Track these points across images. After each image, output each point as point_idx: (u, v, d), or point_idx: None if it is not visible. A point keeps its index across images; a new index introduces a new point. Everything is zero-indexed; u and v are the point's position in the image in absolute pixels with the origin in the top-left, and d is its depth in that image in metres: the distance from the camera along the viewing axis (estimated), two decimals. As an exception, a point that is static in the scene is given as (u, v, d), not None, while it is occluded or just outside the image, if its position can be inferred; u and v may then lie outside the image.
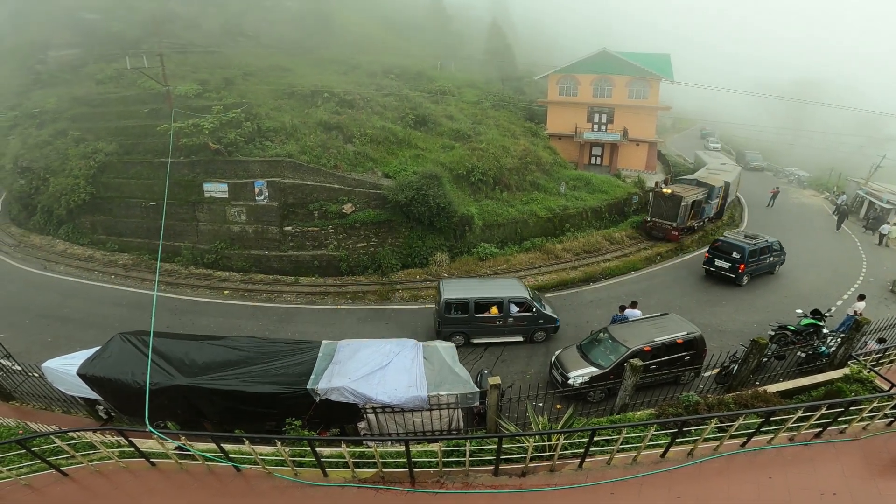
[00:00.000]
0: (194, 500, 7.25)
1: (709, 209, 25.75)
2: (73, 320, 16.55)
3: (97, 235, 21.77)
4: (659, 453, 7.75)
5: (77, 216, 21.74)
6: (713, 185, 25.23)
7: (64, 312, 17.04)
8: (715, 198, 25.64)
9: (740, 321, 16.92)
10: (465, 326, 15.07)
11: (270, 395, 9.61)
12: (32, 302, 17.74)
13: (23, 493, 7.34)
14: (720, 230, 25.68)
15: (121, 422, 10.87)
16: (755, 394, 9.52)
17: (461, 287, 15.57)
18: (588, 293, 19.42)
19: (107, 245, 21.40)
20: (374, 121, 24.58)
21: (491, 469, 7.54)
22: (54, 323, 16.35)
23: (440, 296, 14.92)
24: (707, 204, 25.26)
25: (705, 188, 25.01)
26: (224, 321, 16.73)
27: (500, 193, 23.55)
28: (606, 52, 32.65)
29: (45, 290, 18.77)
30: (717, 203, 26.35)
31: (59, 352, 11.58)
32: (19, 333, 15.53)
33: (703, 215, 25.39)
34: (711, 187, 25.15)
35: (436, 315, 15.23)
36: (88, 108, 24.26)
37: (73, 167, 20.97)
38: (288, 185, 20.03)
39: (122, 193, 21.24)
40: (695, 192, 24.13)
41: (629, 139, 32.74)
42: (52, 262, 20.81)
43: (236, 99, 23.34)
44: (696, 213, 24.71)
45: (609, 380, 11.92)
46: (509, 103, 34.92)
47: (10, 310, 17.12)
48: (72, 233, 21.99)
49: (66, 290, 18.74)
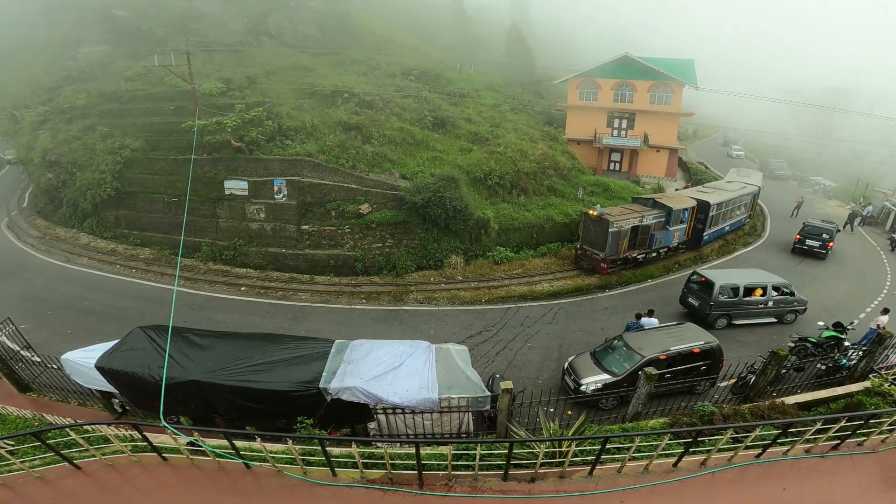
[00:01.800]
0: (203, 496, 7.29)
1: (666, 237, 21.45)
2: (94, 313, 16.93)
3: (120, 230, 22.29)
4: (671, 462, 7.65)
5: (102, 210, 22.29)
6: (671, 208, 20.97)
7: (85, 305, 17.45)
8: (676, 223, 21.41)
9: (759, 332, 16.57)
10: (732, 309, 16.51)
11: (282, 393, 9.62)
12: (55, 294, 18.21)
13: (35, 486, 7.42)
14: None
15: (135, 415, 10.99)
16: (772, 405, 9.41)
17: (727, 275, 17.24)
18: (603, 300, 19.16)
19: (129, 239, 21.89)
20: (393, 122, 24.70)
21: (500, 474, 7.49)
22: (75, 315, 16.73)
23: (712, 282, 16.29)
24: (663, 231, 21.16)
25: (660, 211, 21.04)
26: (240, 317, 16.93)
27: (516, 197, 23.42)
28: (629, 56, 32.28)
29: (67, 282, 19.25)
30: (686, 230, 22.18)
31: (78, 344, 11.77)
32: (41, 324, 15.92)
33: (653, 245, 21.10)
34: (669, 210, 20.97)
35: (701, 301, 16.61)
36: (117, 104, 24.86)
37: (100, 162, 21.50)
38: (306, 184, 20.22)
39: (145, 189, 21.71)
40: (636, 217, 20.16)
41: (650, 145, 32.28)
42: (76, 254, 21.36)
43: (258, 98, 23.69)
44: (643, 242, 20.78)
45: (622, 387, 11.86)
46: (528, 107, 34.79)
47: (34, 301, 17.59)
48: (96, 226, 22.55)
49: (89, 283, 19.20)
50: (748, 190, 26.35)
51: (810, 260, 23.81)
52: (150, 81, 26.49)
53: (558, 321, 17.17)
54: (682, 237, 22.36)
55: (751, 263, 22.41)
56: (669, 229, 21.34)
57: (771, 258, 23.79)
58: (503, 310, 17.91)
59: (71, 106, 25.25)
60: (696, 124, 58.82)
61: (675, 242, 22.17)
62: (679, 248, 22.61)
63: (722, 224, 24.40)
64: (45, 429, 7.95)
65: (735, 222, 25.88)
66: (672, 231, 21.54)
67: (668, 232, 21.41)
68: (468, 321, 17.11)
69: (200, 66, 25.57)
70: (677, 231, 21.85)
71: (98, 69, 29.40)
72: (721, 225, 24.34)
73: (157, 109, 23.77)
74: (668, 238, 21.63)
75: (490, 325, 16.81)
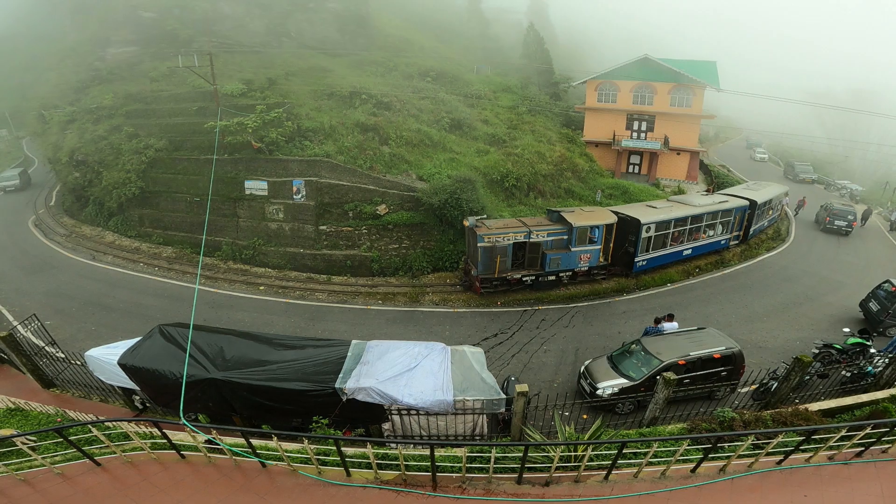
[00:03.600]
0: (219, 494, 7.31)
1: (567, 259, 18.48)
2: (118, 310, 17.33)
3: (144, 228, 22.81)
4: (689, 468, 7.52)
5: (126, 209, 22.85)
6: (571, 225, 17.98)
7: (109, 302, 17.88)
8: (581, 243, 18.41)
9: (782, 338, 16.25)
10: None
11: (299, 393, 9.67)
12: (80, 291, 18.71)
13: (55, 482, 7.48)
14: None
15: (154, 412, 11.16)
16: (795, 411, 9.31)
17: None
18: (621, 304, 18.91)
19: (152, 238, 22.39)
20: (410, 123, 24.76)
21: (514, 477, 7.42)
22: (99, 312, 17.16)
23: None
24: (563, 251, 18.33)
25: (561, 227, 18.21)
26: (258, 316, 17.17)
27: (534, 200, 23.28)
28: (648, 58, 31.81)
29: (92, 279, 19.76)
30: (600, 251, 19.13)
31: (101, 340, 12.05)
32: (66, 321, 16.38)
33: (548, 266, 18.29)
34: (570, 228, 18.03)
35: (881, 308, 16.26)
36: (142, 104, 25.48)
37: (126, 162, 22.05)
38: (325, 184, 20.40)
39: (169, 188, 22.18)
40: (520, 231, 17.67)
41: (670, 148, 31.75)
42: (101, 252, 21.92)
43: (278, 98, 24.00)
44: (533, 262, 18.32)
45: (639, 392, 11.77)
46: (546, 109, 34.52)
47: (59, 297, 18.11)
48: (121, 225, 23.11)
49: (113, 280, 19.68)
50: (729, 205, 22.13)
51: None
52: (175, 82, 27.06)
53: (575, 324, 17.02)
54: (596, 260, 19.04)
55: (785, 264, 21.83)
56: (572, 250, 18.34)
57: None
58: (519, 312, 17.81)
59: (98, 106, 25.94)
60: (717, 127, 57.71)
61: (584, 266, 18.89)
62: (597, 273, 19.38)
63: (673, 247, 20.61)
64: (68, 425, 8.01)
65: (704, 245, 21.91)
66: (576, 252, 18.45)
67: (570, 253, 18.34)
68: (483, 323, 17.06)
69: (222, 67, 26.02)
70: (586, 253, 18.62)
71: (125, 70, 30.15)
72: (670, 248, 20.52)
73: (180, 110, 24.28)
74: (571, 260, 18.52)
75: (506, 327, 16.74)
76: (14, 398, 11.25)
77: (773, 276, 21.55)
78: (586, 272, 19.17)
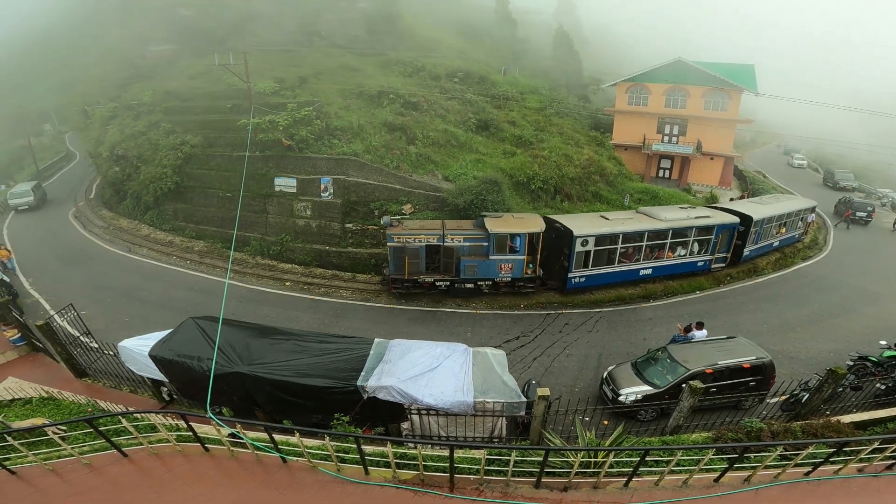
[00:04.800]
0: (240, 488, 7.40)
1: (485, 267, 17.46)
2: (150, 301, 17.91)
3: (178, 222, 23.54)
4: (712, 477, 7.42)
5: (162, 203, 23.63)
6: (488, 232, 16.94)
7: (142, 294, 18.50)
8: (500, 251, 17.29)
9: (816, 349, 15.79)
10: None
11: (321, 389, 9.80)
12: (115, 282, 19.41)
13: (82, 473, 7.65)
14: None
15: (181, 404, 11.38)
16: (827, 423, 9.23)
17: None
18: (648, 310, 18.52)
19: (185, 232, 23.09)
20: (437, 123, 24.79)
21: (532, 481, 7.39)
22: (133, 303, 17.74)
23: None
24: (481, 258, 17.41)
25: (481, 234, 17.25)
26: (283, 312, 17.47)
27: (560, 203, 22.98)
28: (682, 61, 31.05)
29: (127, 271, 20.50)
30: (524, 262, 17.58)
31: (134, 331, 12.34)
32: (101, 311, 16.97)
33: (463, 273, 17.46)
34: (488, 235, 17.04)
35: None
36: (179, 101, 26.29)
37: (163, 157, 22.81)
38: (352, 183, 20.63)
39: (202, 184, 22.82)
40: (433, 234, 17.03)
41: (703, 152, 30.88)
42: (137, 245, 22.73)
43: (309, 97, 24.38)
44: (448, 267, 17.72)
45: (663, 400, 11.69)
46: (574, 111, 34.03)
47: (95, 288, 18.81)
48: (156, 218, 23.92)
49: (146, 273, 20.37)
50: (709, 222, 19.50)
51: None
52: (210, 80, 27.82)
53: (599, 329, 16.78)
54: (520, 271, 17.76)
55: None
56: (491, 258, 17.41)
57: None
58: (542, 315, 17.63)
59: (138, 103, 26.90)
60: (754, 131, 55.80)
61: (506, 276, 17.77)
62: (522, 285, 18.12)
63: (624, 265, 18.78)
64: (98, 415, 8.15)
65: (672, 265, 19.64)
66: (495, 261, 17.43)
67: (488, 261, 17.40)
68: (506, 325, 16.96)
69: (255, 66, 26.57)
70: (506, 262, 17.49)
71: (163, 67, 31.17)
72: (620, 266, 18.67)
73: (215, 107, 24.95)
74: (490, 269, 17.56)
75: (528, 330, 16.61)
76: (47, 387, 11.61)
77: (808, 286, 20.83)
78: (509, 283, 17.97)
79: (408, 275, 17.58)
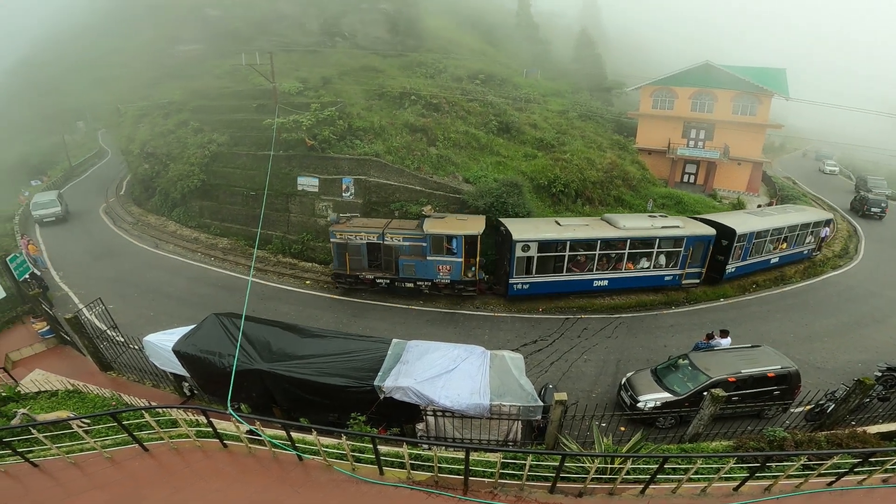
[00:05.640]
0: (256, 485, 7.47)
1: (423, 267, 17.53)
2: (175, 297, 18.33)
3: (203, 219, 24.08)
4: (732, 486, 7.32)
5: (188, 200, 24.20)
6: (427, 233, 17.05)
7: (168, 289, 18.95)
8: (438, 252, 17.25)
9: (843, 359, 15.37)
10: None
11: (339, 388, 9.87)
12: (142, 277, 19.93)
13: (103, 466, 7.74)
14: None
15: (201, 400, 11.53)
16: (852, 433, 9.18)
17: None
18: (669, 317, 18.19)
19: (210, 229, 23.60)
20: (458, 125, 24.80)
21: (547, 486, 7.34)
22: (158, 298, 18.17)
23: None
24: (419, 258, 17.46)
25: (419, 233, 17.36)
26: (303, 310, 17.69)
27: (581, 206, 22.71)
28: (710, 64, 30.45)
29: (154, 266, 21.04)
30: (460, 263, 17.36)
31: (159, 326, 12.60)
32: (127, 305, 17.42)
33: (403, 272, 17.79)
34: (426, 236, 17.11)
35: None
36: (207, 101, 26.91)
37: (190, 155, 23.38)
38: (373, 183, 20.78)
39: (227, 182, 23.29)
40: (373, 232, 17.33)
41: (730, 157, 30.17)
42: (164, 241, 23.32)
43: (332, 97, 24.66)
44: (388, 265, 17.93)
45: (683, 407, 11.61)
46: (597, 114, 33.65)
47: (123, 283, 19.33)
48: (183, 215, 24.50)
49: (172, 268, 20.87)
50: (677, 233, 18.07)
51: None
52: (237, 79, 28.41)
53: (618, 335, 16.54)
54: (458, 274, 17.57)
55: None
56: (428, 259, 17.37)
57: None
58: (560, 320, 17.46)
59: (168, 101, 27.62)
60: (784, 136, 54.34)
61: (445, 278, 17.60)
62: (462, 288, 17.95)
63: (574, 274, 17.91)
64: (122, 410, 8.26)
65: (632, 278, 18.52)
66: (433, 262, 17.39)
67: (426, 262, 17.39)
68: (524, 329, 16.85)
69: (280, 66, 26.98)
70: (444, 264, 17.42)
71: (192, 66, 31.95)
72: (569, 275, 17.80)
73: (241, 106, 25.44)
74: (428, 270, 17.52)
75: (546, 334, 16.48)
76: (73, 380, 11.84)
77: (838, 296, 20.19)
78: (449, 285, 17.83)
79: (349, 270, 17.96)
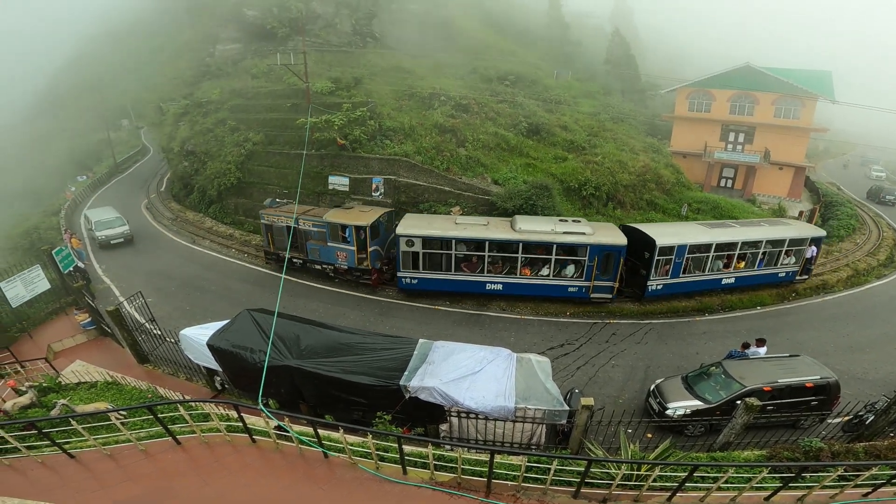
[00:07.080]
0: (282, 481, 7.57)
1: (325, 252, 18.82)
2: (210, 291, 18.88)
3: (238, 216, 24.80)
4: (763, 496, 7.21)
5: (224, 197, 24.96)
6: (324, 221, 18.29)
7: (203, 284, 19.54)
8: (335, 240, 18.34)
9: (885, 371, 14.72)
10: None
11: (365, 386, 9.95)
12: (179, 271, 20.62)
13: (137, 458, 7.91)
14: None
15: (231, 394, 11.75)
16: (891, 445, 9.06)
17: None
18: (702, 324, 17.66)
19: (244, 226, 24.26)
20: (487, 126, 24.73)
21: (571, 491, 7.29)
22: (194, 292, 18.74)
23: None
24: (321, 243, 18.72)
25: (322, 222, 18.41)
26: (331, 308, 17.91)
27: (612, 210, 22.29)
28: (750, 66, 29.40)
29: (190, 261, 21.75)
30: (353, 252, 18.20)
31: (194, 320, 12.94)
32: (165, 299, 18.01)
33: (310, 255, 19.31)
34: (325, 224, 18.33)
35: None
36: (243, 100, 27.69)
37: (227, 153, 24.11)
38: (402, 183, 20.94)
39: (261, 180, 23.93)
40: (288, 217, 18.61)
41: (771, 162, 29.02)
42: (200, 237, 24.08)
43: (363, 98, 24.99)
44: (302, 248, 19.42)
45: (714, 416, 11.37)
46: (629, 117, 32.96)
47: (161, 277, 20.04)
48: (219, 212, 25.29)
49: (207, 263, 21.52)
50: (576, 240, 16.71)
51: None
52: (272, 79, 29.11)
53: (648, 341, 16.16)
54: (353, 261, 18.44)
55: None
56: (329, 244, 18.67)
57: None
58: (588, 324, 17.17)
59: (207, 100, 28.55)
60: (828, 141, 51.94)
61: (344, 264, 18.72)
62: (360, 275, 18.89)
63: (466, 274, 17.47)
64: (158, 402, 8.41)
65: (533, 285, 17.54)
66: (332, 248, 18.66)
67: (328, 247, 18.74)
68: (550, 332, 16.63)
69: (313, 66, 27.54)
70: (342, 251, 18.52)
71: (230, 66, 32.93)
72: (460, 275, 17.42)
73: (276, 106, 26.07)
74: (329, 255, 18.89)
75: (573, 338, 16.22)
76: (112, 371, 12.27)
77: (882, 306, 19.29)
78: (347, 271, 19.00)
79: (273, 248, 20.08)
